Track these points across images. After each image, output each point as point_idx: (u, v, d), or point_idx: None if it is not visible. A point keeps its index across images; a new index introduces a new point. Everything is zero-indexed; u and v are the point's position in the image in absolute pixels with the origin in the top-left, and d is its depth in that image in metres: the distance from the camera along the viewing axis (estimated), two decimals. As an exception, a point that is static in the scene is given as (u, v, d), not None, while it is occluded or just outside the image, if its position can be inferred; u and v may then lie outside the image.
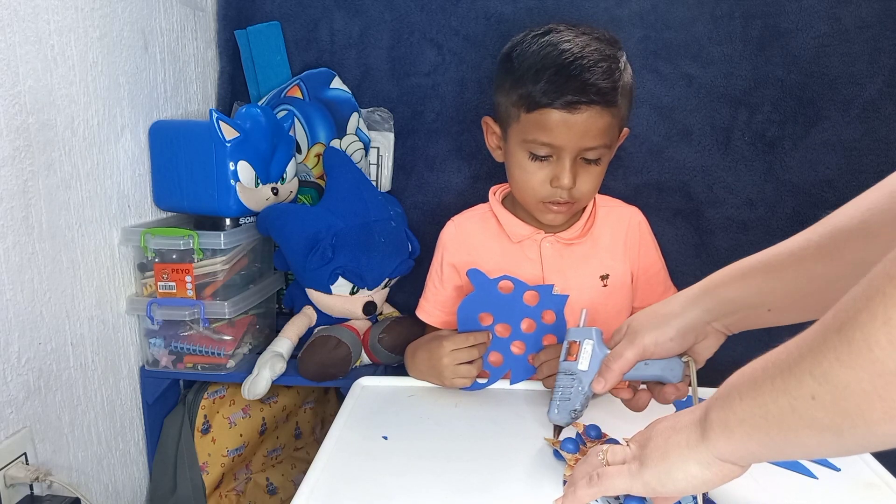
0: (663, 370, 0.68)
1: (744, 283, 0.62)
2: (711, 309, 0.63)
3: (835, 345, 0.37)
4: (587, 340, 0.70)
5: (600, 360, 0.69)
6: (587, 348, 0.70)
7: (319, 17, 1.27)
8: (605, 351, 0.69)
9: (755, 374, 0.45)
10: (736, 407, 0.46)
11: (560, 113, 0.87)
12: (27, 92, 0.83)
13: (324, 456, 0.73)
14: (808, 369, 0.39)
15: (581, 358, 0.70)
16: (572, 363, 0.71)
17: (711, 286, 0.64)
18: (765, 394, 0.43)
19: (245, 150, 1.07)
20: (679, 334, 0.64)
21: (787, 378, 0.41)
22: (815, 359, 0.39)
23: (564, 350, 0.72)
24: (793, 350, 0.42)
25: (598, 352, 0.69)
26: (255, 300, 1.14)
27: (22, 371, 0.84)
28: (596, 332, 0.71)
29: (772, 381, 0.42)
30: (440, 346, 0.89)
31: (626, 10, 1.19)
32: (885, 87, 1.15)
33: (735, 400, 0.46)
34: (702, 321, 0.64)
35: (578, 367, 0.70)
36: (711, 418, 0.48)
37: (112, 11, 1.00)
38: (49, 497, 0.87)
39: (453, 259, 1.06)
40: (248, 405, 1.23)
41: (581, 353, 0.70)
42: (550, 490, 0.68)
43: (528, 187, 0.94)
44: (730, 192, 1.23)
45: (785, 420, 0.42)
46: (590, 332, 0.71)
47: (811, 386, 0.39)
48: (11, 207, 0.81)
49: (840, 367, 0.37)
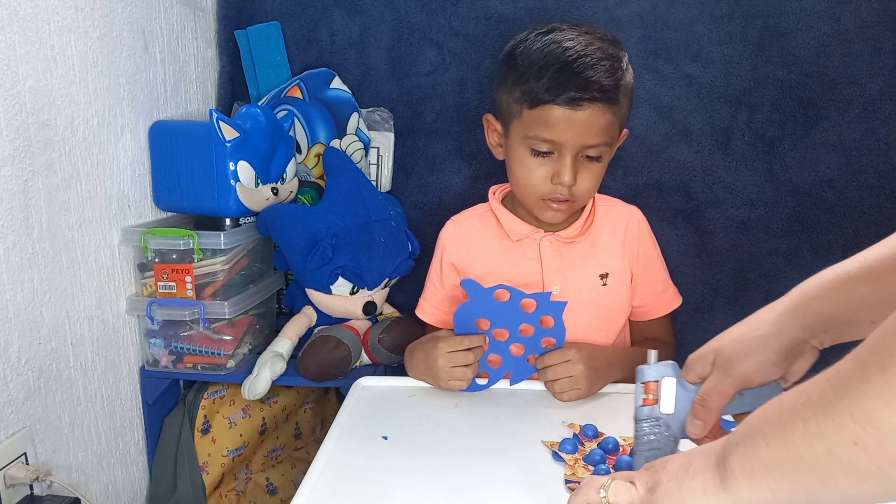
0: (761, 398, 0.56)
1: (844, 294, 0.54)
2: (809, 325, 0.56)
3: (879, 384, 0.34)
4: (667, 378, 0.61)
5: (687, 399, 0.60)
6: (669, 387, 0.60)
7: (319, 17, 1.27)
8: (690, 387, 0.60)
9: (782, 415, 0.41)
10: (762, 452, 0.41)
11: (562, 109, 0.87)
12: (27, 92, 0.83)
13: (324, 456, 0.73)
14: (847, 412, 0.36)
15: (663, 399, 0.60)
16: (653, 407, 0.61)
17: (806, 299, 0.57)
18: (796, 438, 0.39)
19: (245, 150, 1.06)
20: (781, 357, 0.57)
21: (822, 421, 0.37)
22: (855, 400, 0.35)
23: (638, 393, 0.62)
24: (826, 389, 0.38)
25: (683, 389, 0.60)
26: (255, 300, 1.14)
27: (22, 371, 0.84)
28: (674, 366, 0.62)
29: (804, 425, 0.38)
30: (435, 348, 0.89)
31: (626, 10, 1.19)
32: (885, 87, 1.15)
33: (760, 444, 0.41)
34: (799, 339, 0.57)
35: (662, 409, 0.60)
36: (732, 465, 0.43)
37: (112, 11, 1.00)
38: (49, 497, 0.87)
39: (453, 258, 1.06)
40: (248, 405, 1.23)
41: (662, 394, 0.60)
42: (550, 490, 0.68)
43: (529, 184, 0.94)
44: (730, 192, 1.23)
45: (821, 467, 0.38)
46: (667, 368, 0.61)
47: (853, 430, 0.35)
48: (11, 207, 0.81)
49: (886, 409, 0.34)
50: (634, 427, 0.61)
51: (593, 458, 0.72)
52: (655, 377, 0.61)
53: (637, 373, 0.62)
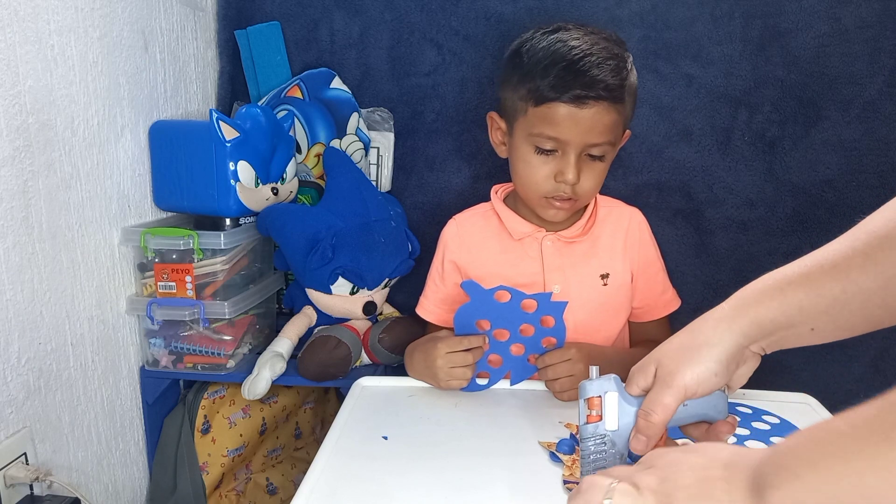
0: (706, 408, 0.57)
1: (782, 299, 0.53)
2: (748, 332, 0.55)
3: None
4: (609, 393, 0.58)
5: (631, 414, 0.57)
6: (611, 403, 0.58)
7: (319, 17, 1.27)
8: (633, 401, 0.58)
9: (832, 441, 0.36)
10: (808, 480, 0.36)
11: (567, 107, 0.88)
12: (27, 92, 0.83)
13: (324, 456, 0.73)
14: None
15: (607, 415, 0.58)
16: (597, 424, 0.58)
17: (744, 305, 0.56)
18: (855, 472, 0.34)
19: (245, 150, 1.06)
20: (722, 366, 0.55)
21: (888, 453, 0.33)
22: None
23: (582, 411, 0.60)
24: None
25: (626, 404, 0.58)
26: (255, 300, 1.14)
27: (22, 371, 0.84)
28: (616, 380, 0.59)
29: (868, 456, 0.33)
30: (435, 349, 0.89)
31: (626, 10, 1.19)
32: (885, 87, 1.15)
33: (806, 473, 0.36)
34: (739, 346, 0.55)
35: (606, 426, 0.58)
36: (772, 498, 0.38)
37: (112, 11, 1.00)
38: (49, 497, 0.87)
39: (454, 256, 1.06)
40: (248, 405, 1.23)
41: (605, 410, 0.58)
42: (549, 490, 0.68)
43: (532, 182, 0.94)
44: (730, 192, 1.23)
45: None
46: (609, 383, 0.59)
47: None
48: (11, 207, 0.81)
49: None
50: (580, 446, 0.59)
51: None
52: (597, 392, 0.59)
53: (579, 389, 0.60)
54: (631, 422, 0.57)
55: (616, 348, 1.05)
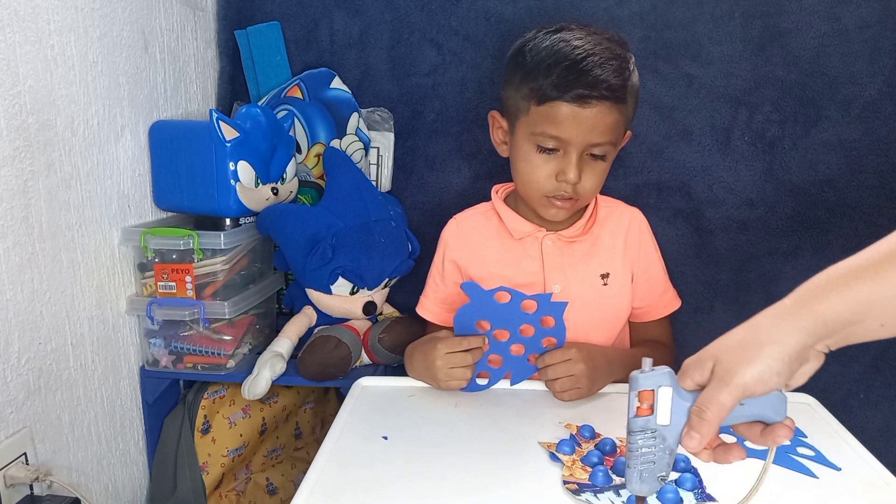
0: (764, 408, 0.55)
1: (849, 294, 0.51)
2: (814, 330, 0.52)
3: None
4: (663, 388, 0.57)
5: (684, 410, 0.56)
6: (664, 397, 0.57)
7: (319, 17, 1.27)
8: (686, 395, 0.57)
9: None
10: None
11: (570, 106, 0.88)
12: (27, 92, 0.83)
13: (324, 456, 0.74)
14: None
15: (659, 410, 0.57)
16: (648, 418, 0.57)
17: (808, 300, 0.53)
18: None
19: (245, 150, 1.07)
20: (785, 366, 0.52)
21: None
22: None
23: (632, 403, 0.58)
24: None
25: (679, 399, 0.57)
26: (255, 300, 1.14)
27: (22, 371, 0.84)
28: (670, 374, 0.58)
29: None
30: (434, 349, 0.89)
31: (626, 10, 1.19)
32: (885, 87, 1.15)
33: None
34: (805, 346, 0.53)
35: (658, 421, 0.57)
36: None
37: (112, 11, 1.00)
38: (49, 497, 0.87)
39: (455, 256, 1.06)
40: (248, 405, 1.23)
41: (658, 404, 0.57)
42: (549, 490, 0.68)
43: (533, 181, 0.94)
44: (730, 192, 1.22)
45: None
46: (663, 377, 0.57)
47: None
48: (11, 207, 0.81)
49: None
50: (628, 439, 0.58)
51: (590, 459, 0.72)
52: (651, 386, 0.57)
53: (631, 380, 0.58)
54: (683, 418, 0.56)
55: (616, 348, 1.05)
